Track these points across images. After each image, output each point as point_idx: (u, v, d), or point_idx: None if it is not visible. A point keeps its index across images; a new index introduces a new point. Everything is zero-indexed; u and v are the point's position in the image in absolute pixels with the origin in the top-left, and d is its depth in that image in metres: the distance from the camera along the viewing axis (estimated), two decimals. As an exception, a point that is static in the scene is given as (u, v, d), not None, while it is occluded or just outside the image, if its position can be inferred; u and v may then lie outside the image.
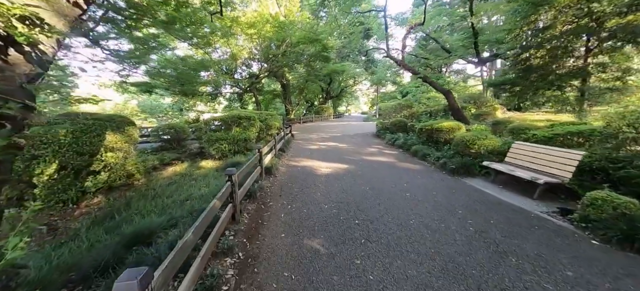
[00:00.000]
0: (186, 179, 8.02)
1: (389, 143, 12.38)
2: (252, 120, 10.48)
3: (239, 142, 9.52)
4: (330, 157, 9.89)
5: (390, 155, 9.94)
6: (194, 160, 10.18)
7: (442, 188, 5.97)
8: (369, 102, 70.10)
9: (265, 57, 20.86)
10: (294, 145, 13.08)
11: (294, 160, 9.43)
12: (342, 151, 11.07)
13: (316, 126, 24.38)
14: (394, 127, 13.82)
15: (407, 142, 10.89)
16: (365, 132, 17.68)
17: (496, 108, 14.92)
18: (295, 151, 11.36)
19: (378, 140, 14.05)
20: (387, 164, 8.54)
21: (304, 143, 13.47)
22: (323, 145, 12.94)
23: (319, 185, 6.38)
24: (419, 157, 9.25)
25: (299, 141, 14.46)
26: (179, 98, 28.05)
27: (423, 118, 14.78)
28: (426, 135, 10.65)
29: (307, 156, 10.14)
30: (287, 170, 8.08)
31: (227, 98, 38.65)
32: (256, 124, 10.70)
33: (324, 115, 33.55)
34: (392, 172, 7.46)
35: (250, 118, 10.17)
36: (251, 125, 10.43)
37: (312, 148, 11.92)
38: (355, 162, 8.95)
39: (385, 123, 15.46)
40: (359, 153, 10.56)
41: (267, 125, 12.52)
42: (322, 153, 10.60)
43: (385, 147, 11.82)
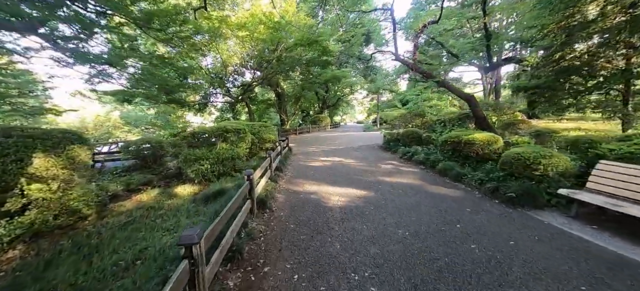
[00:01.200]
0: (152, 215, 6.01)
1: (404, 158, 10.58)
2: (242, 133, 8.58)
3: (225, 161, 7.58)
4: (340, 178, 8.00)
5: (413, 175, 8.11)
6: (169, 185, 8.16)
7: (517, 233, 4.13)
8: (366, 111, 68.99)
9: (258, 64, 19.12)
10: (293, 161, 11.18)
11: (294, 184, 7.51)
12: (351, 169, 9.21)
13: (314, 137, 22.55)
14: (406, 138, 12.07)
15: (429, 157, 9.10)
16: (370, 143, 15.91)
17: (517, 115, 13.35)
18: (295, 170, 9.46)
19: (389, 154, 12.26)
20: (414, 188, 6.69)
21: (304, 159, 11.58)
22: (327, 160, 11.07)
23: (334, 228, 4.48)
24: (451, 178, 7.43)
25: (298, 156, 12.56)
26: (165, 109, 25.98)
27: (437, 128, 13.11)
28: (451, 149, 8.91)
29: (311, 177, 8.24)
30: (287, 199, 6.15)
31: (219, 109, 36.73)
32: (247, 138, 8.80)
33: (321, 125, 31.81)
34: (427, 203, 5.61)
35: (239, 131, 8.26)
36: (241, 140, 8.52)
37: (315, 166, 10.03)
38: (373, 185, 7.08)
39: (394, 134, 13.71)
40: (373, 172, 8.70)
41: (261, 138, 10.63)
42: (328, 173, 8.71)
43: (401, 163, 10.01)
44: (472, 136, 8.16)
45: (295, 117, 39.82)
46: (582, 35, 8.25)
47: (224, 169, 7.57)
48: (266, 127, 11.34)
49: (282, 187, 7.27)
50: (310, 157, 12.06)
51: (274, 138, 11.16)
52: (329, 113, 42.81)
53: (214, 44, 16.84)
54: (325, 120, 33.06)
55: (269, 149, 11.10)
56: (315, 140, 19.72)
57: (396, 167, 9.41)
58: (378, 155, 12.07)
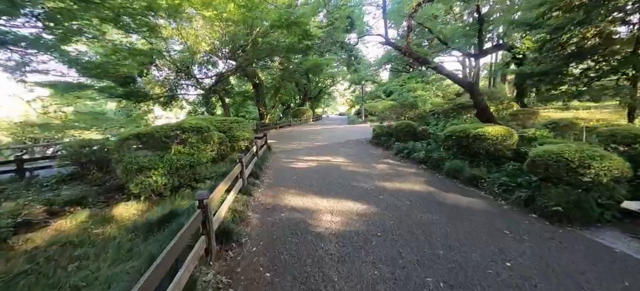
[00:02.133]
0: (67, 253, 4.22)
1: (399, 155, 9.30)
2: (206, 132, 6.80)
3: (181, 170, 5.82)
4: (330, 184, 6.53)
5: (416, 178, 6.81)
6: (109, 202, 6.28)
7: (594, 273, 2.87)
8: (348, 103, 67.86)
9: (231, 51, 16.99)
10: (273, 162, 9.55)
11: (274, 195, 5.94)
12: (342, 171, 7.76)
13: (296, 132, 20.91)
14: (400, 132, 10.81)
15: (431, 155, 7.85)
16: (358, 138, 14.58)
17: (512, 105, 12.55)
18: (275, 174, 7.86)
19: (381, 150, 10.96)
20: (424, 198, 5.37)
21: (286, 159, 9.98)
22: (312, 160, 9.55)
23: (331, 276, 3.01)
24: (463, 182, 6.20)
25: (279, 155, 10.94)
26: (126, 103, 23.05)
27: (432, 121, 11.98)
28: (456, 145, 7.72)
29: (294, 184, 6.69)
30: (263, 222, 4.59)
31: (191, 103, 33.89)
32: (213, 138, 7.04)
33: (303, 118, 30.13)
34: (449, 221, 4.28)
35: (201, 130, 6.47)
36: (204, 141, 6.74)
37: (299, 168, 8.48)
38: (372, 195, 5.68)
39: (385, 128, 12.44)
40: (368, 175, 7.31)
41: (233, 137, 8.88)
42: (314, 177, 7.20)
43: (397, 162, 8.72)
44: (483, 130, 6.97)
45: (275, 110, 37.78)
46: (600, 12, 7.25)
47: (182, 180, 5.83)
48: (239, 123, 9.57)
49: (257, 200, 5.68)
50: (292, 156, 10.47)
51: (249, 137, 9.44)
52: (311, 106, 41.13)
53: (179, 29, 14.51)
54: (307, 112, 31.40)
55: (243, 150, 9.40)
56: (297, 135, 18.10)
57: (393, 167, 8.08)
58: (369, 151, 10.73)
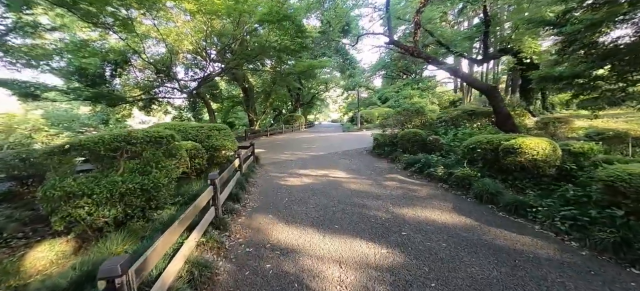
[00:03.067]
0: None
1: (410, 170, 7.90)
2: (170, 143, 5.20)
3: (130, 196, 4.18)
4: (333, 212, 5.04)
5: (439, 202, 5.39)
6: (29, 239, 4.59)
7: None
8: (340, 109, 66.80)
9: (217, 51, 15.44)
10: (260, 177, 7.99)
11: (257, 229, 4.41)
12: (346, 191, 6.28)
13: (288, 139, 19.37)
14: (407, 142, 9.48)
15: (451, 171, 6.47)
16: (356, 147, 13.18)
17: (525, 113, 11.45)
18: (262, 195, 6.31)
19: (385, 162, 9.56)
20: (463, 236, 3.95)
21: (277, 173, 8.45)
22: (307, 175, 8.05)
23: None
24: (502, 209, 4.82)
25: (268, 167, 9.39)
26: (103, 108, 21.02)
27: (440, 130, 10.72)
28: (482, 159, 6.41)
29: (286, 211, 5.17)
30: (237, 286, 3.04)
31: (177, 107, 32.01)
32: (179, 152, 5.45)
33: (295, 125, 28.64)
34: (512, 277, 2.86)
35: (160, 141, 4.85)
36: (168, 155, 5.14)
37: (292, 187, 6.95)
38: (392, 229, 4.23)
39: (388, 136, 11.10)
40: (378, 196, 5.87)
41: (211, 147, 7.29)
42: (312, 202, 5.69)
43: (408, 178, 7.31)
44: (518, 141, 5.67)
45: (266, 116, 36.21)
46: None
47: (130, 210, 4.21)
48: (220, 130, 7.98)
49: (234, 238, 4.14)
50: (284, 170, 8.95)
51: (232, 147, 7.86)
52: (303, 112, 39.74)
53: (157, 26, 12.88)
54: (300, 119, 29.96)
55: (225, 163, 7.82)
56: (289, 144, 16.57)
57: (406, 185, 6.67)
58: (373, 164, 9.31)
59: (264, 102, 25.85)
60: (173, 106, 31.65)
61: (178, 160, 5.36)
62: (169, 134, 5.03)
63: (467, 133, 9.57)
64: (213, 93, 26.67)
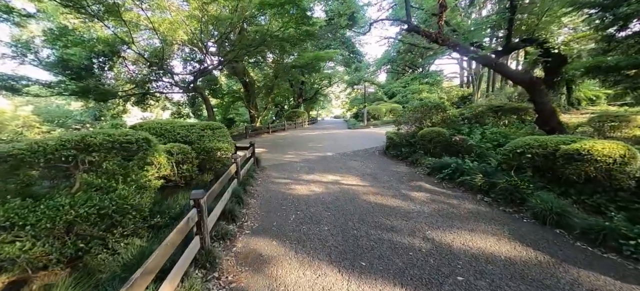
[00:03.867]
0: None
1: (436, 176, 6.73)
2: (141, 148, 4.03)
3: (85, 225, 3.04)
4: (355, 240, 3.90)
5: (488, 224, 4.23)
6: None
7: None
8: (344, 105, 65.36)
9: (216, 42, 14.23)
10: (261, 184, 6.86)
11: (257, 267, 3.29)
12: (365, 206, 5.13)
13: (291, 137, 18.21)
14: (428, 143, 8.31)
15: (495, 181, 5.30)
16: (366, 147, 12.02)
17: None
18: (263, 210, 5.18)
19: (404, 166, 8.40)
20: (545, 284, 2.80)
21: (280, 180, 7.32)
22: (316, 182, 6.90)
23: None
24: (578, 237, 3.66)
25: (270, 171, 8.26)
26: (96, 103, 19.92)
27: (463, 128, 9.53)
28: (530, 167, 5.25)
29: (293, 238, 4.04)
30: None
31: (175, 103, 30.91)
32: (159, 158, 4.31)
33: (298, 122, 27.42)
34: None
35: (129, 147, 3.68)
36: (141, 166, 3.98)
37: (299, 198, 5.81)
38: (442, 271, 3.09)
39: (403, 135, 9.94)
40: (408, 214, 4.72)
41: (203, 150, 6.15)
42: (326, 221, 4.55)
43: (436, 186, 6.15)
44: (584, 145, 4.49)
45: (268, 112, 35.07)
46: None
47: (86, 244, 3.09)
48: (214, 130, 6.81)
49: (225, 280, 3.02)
50: (288, 174, 7.82)
51: (228, 149, 6.71)
52: (306, 108, 38.50)
53: (153, 17, 11.67)
54: (303, 115, 28.71)
55: (218, 168, 6.68)
56: (293, 142, 15.43)
57: (437, 197, 5.51)
58: (389, 168, 8.15)
59: (266, 97, 24.66)
60: (171, 102, 30.59)
61: (158, 169, 4.21)
62: (141, 137, 3.88)
63: (497, 132, 8.39)
64: (212, 88, 25.54)
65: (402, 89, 29.10)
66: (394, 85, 31.88)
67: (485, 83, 34.11)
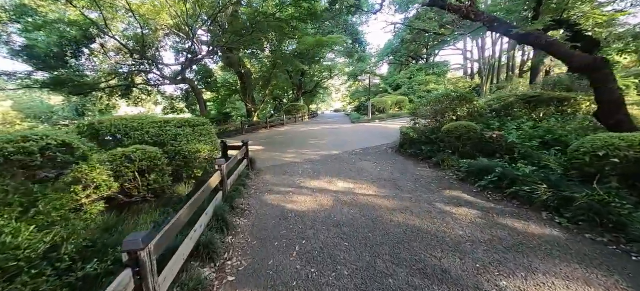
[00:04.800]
0: None
1: (475, 183, 5.36)
2: (55, 161, 2.63)
3: None
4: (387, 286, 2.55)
5: (592, 268, 2.86)
6: None
7: None
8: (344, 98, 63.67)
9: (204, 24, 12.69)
10: (254, 196, 5.48)
11: None
12: (397, 233, 3.75)
13: (292, 133, 16.78)
14: (454, 139, 6.92)
15: (562, 193, 3.93)
16: (376, 143, 10.64)
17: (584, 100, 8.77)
18: (257, 239, 3.79)
19: (426, 167, 7.02)
20: None
21: (278, 188, 5.94)
22: (324, 193, 5.52)
23: None
24: None
25: (267, 176, 6.88)
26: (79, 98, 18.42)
27: (493, 122, 8.14)
28: (617, 173, 3.88)
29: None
30: None
31: (168, 97, 29.42)
32: (93, 172, 2.92)
33: (297, 116, 25.96)
34: None
35: (33, 158, 2.31)
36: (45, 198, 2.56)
37: (304, 218, 4.42)
38: None
39: (422, 131, 8.56)
40: (457, 243, 3.35)
41: (179, 153, 4.77)
42: (348, 267, 3.17)
43: (480, 198, 4.78)
44: None
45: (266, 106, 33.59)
46: None
47: None
48: (195, 127, 5.38)
49: None
50: (289, 181, 6.44)
51: (210, 150, 5.31)
52: (305, 102, 36.96)
53: None
54: (303, 109, 27.27)
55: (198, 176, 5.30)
56: (293, 138, 14.03)
57: (487, 216, 4.13)
58: (409, 171, 6.76)
59: (263, 89, 23.15)
60: (164, 96, 29.10)
61: (94, 189, 2.82)
62: (55, 144, 2.48)
63: (539, 128, 7.00)
64: (207, 81, 24.03)
65: (408, 81, 27.60)
66: (399, 77, 30.36)
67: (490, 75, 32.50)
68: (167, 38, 15.05)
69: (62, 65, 10.73)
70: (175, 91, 28.53)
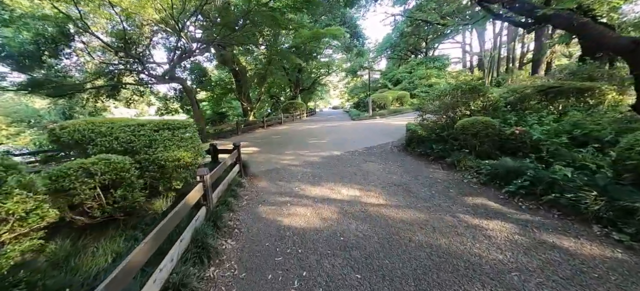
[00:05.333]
0: None
1: (501, 188, 4.64)
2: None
3: None
4: None
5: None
6: None
7: None
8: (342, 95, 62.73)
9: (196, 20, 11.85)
10: (245, 208, 4.73)
11: None
12: (419, 257, 3.01)
13: (290, 132, 16.01)
14: (471, 136, 6.18)
15: (613, 197, 3.21)
16: (379, 141, 9.90)
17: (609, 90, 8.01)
18: (246, 269, 3.04)
19: (437, 168, 6.30)
20: None
21: (274, 198, 5.19)
22: (326, 202, 4.78)
23: None
24: None
25: (261, 183, 6.14)
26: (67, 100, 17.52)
27: (510, 116, 7.41)
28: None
29: None
30: None
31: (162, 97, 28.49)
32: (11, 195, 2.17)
33: (295, 114, 25.14)
34: None
35: None
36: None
37: (304, 233, 3.68)
38: None
39: (431, 127, 7.84)
40: (500, 272, 2.62)
41: (155, 162, 4.02)
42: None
43: (510, 206, 4.06)
44: None
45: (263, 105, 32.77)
46: None
47: None
48: (174, 130, 4.60)
49: None
50: (286, 188, 5.70)
51: (193, 157, 4.54)
52: (303, 99, 36.09)
53: None
54: (301, 107, 26.43)
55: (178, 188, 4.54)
56: (291, 137, 13.26)
57: (526, 229, 3.40)
58: (421, 173, 6.03)
59: (259, 87, 22.31)
60: (157, 96, 28.18)
61: (17, 222, 2.07)
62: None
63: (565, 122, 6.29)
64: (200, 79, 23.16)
65: (408, 75, 26.82)
66: (399, 71, 29.57)
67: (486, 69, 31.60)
68: (156, 35, 14.19)
69: (39, 65, 9.89)
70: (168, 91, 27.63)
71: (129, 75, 15.06)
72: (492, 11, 13.94)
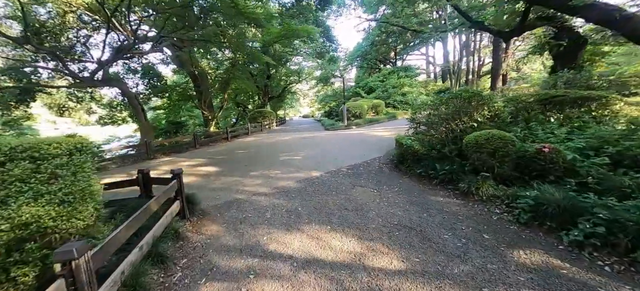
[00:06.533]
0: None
1: (553, 232, 3.33)
2: None
3: None
4: None
5: None
6: None
7: None
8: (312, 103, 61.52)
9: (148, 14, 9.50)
10: (178, 289, 2.85)
11: None
12: None
13: (257, 145, 13.95)
14: (486, 155, 4.93)
15: None
16: (363, 158, 8.45)
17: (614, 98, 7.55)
18: None
19: (440, 194, 4.94)
20: None
21: (229, 268, 3.32)
22: (311, 268, 3.06)
23: None
24: None
25: (212, 229, 4.22)
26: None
27: (516, 128, 6.40)
28: None
29: None
30: None
31: (106, 104, 24.63)
32: None
33: (264, 124, 23.02)
34: None
35: None
36: None
37: None
38: None
39: (428, 141, 6.56)
40: None
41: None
42: None
43: (579, 266, 2.73)
44: None
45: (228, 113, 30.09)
46: None
47: None
48: (41, 160, 2.64)
49: None
50: (248, 237, 3.86)
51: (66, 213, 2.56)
52: (272, 107, 33.98)
53: None
54: (270, 115, 24.35)
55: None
56: (258, 153, 11.27)
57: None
58: (429, 205, 4.59)
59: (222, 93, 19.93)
60: (100, 103, 24.21)
61: None
62: None
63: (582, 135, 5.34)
64: (152, 83, 20.16)
65: (381, 83, 26.30)
66: (371, 80, 29.04)
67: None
68: (87, 26, 11.41)
69: None
70: (115, 97, 23.88)
71: (61, 77, 12.00)
72: (470, 19, 13.62)
